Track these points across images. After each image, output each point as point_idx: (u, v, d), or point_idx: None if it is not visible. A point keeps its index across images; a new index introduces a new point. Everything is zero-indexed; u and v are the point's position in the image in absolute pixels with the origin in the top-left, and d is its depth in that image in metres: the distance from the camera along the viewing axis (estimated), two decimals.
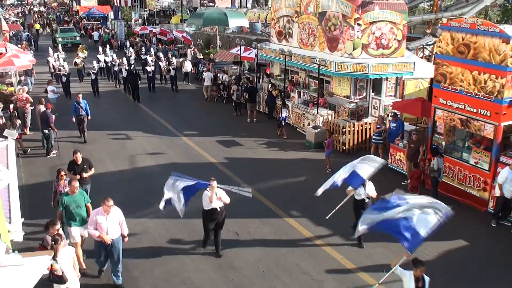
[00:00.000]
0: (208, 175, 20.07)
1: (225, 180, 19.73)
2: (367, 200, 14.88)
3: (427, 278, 10.54)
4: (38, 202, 16.93)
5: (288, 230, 15.82)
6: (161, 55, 42.60)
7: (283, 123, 25.65)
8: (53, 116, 23.22)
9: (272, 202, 17.82)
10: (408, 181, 19.17)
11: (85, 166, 16.39)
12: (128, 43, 53.87)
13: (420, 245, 11.74)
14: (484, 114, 16.66)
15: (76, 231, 13.28)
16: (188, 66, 40.09)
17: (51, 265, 10.66)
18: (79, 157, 16.28)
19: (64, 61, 38.90)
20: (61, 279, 10.56)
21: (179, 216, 16.36)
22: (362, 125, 23.57)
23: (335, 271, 13.58)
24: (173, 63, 38.73)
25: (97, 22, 78.57)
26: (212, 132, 26.09)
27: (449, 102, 17.87)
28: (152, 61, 38.43)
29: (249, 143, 24.67)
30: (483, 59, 16.53)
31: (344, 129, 23.11)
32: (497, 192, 15.97)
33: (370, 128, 23.46)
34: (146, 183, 19.38)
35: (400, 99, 25.14)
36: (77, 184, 13.54)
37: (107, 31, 68.06)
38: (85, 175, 16.32)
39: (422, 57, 33.25)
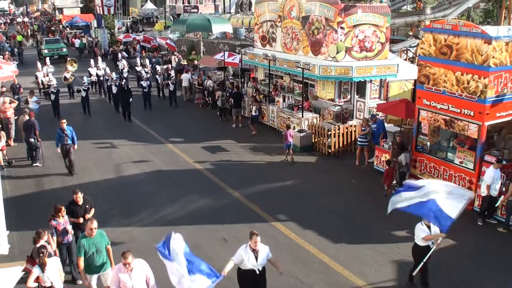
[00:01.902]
0: (194, 181, 20.16)
1: (212, 185, 19.76)
2: (432, 246, 12.38)
3: None
4: (23, 214, 16.81)
5: (275, 234, 15.79)
6: (158, 67, 40.42)
7: (254, 119, 26.94)
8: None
9: (259, 207, 17.79)
10: (394, 182, 19.30)
11: (87, 206, 13.89)
12: (119, 55, 48.95)
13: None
14: (468, 114, 16.77)
15: (100, 280, 11.93)
16: (185, 80, 36.12)
17: (38, 277, 10.62)
18: (80, 197, 13.78)
19: (52, 75, 35.37)
20: None
21: (166, 224, 16.46)
22: (347, 128, 23.62)
23: (324, 273, 13.57)
24: (172, 76, 35.76)
25: (80, 30, 78.22)
26: (197, 138, 26.03)
27: (432, 103, 17.97)
28: (147, 72, 36.51)
29: (235, 148, 24.65)
30: (465, 60, 16.65)
31: (330, 132, 23.15)
32: (483, 192, 16.05)
33: (355, 131, 23.53)
34: (132, 191, 19.33)
35: (385, 101, 25.25)
36: (95, 224, 11.62)
37: (90, 39, 67.74)
38: (88, 216, 13.75)
39: (405, 59, 33.45)
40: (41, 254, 10.76)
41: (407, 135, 20.29)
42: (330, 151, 23.30)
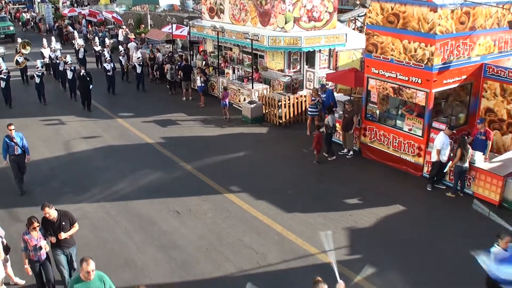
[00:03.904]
0: (146, 156, 19.97)
1: (163, 159, 19.62)
2: None
3: None
4: None
5: (228, 206, 15.81)
6: (121, 48, 35.13)
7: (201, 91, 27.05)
8: None
9: (212, 179, 17.75)
10: (345, 150, 19.56)
11: (63, 223, 11.41)
12: (76, 33, 42.83)
13: None
14: (416, 81, 17.00)
15: None
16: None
17: None
18: (51, 212, 11.29)
19: (2, 60, 30.26)
20: None
21: (119, 199, 16.34)
22: (297, 98, 23.70)
23: (278, 242, 13.66)
24: (139, 57, 31.14)
25: (23, 6, 75.97)
26: (148, 113, 25.73)
27: (381, 72, 18.14)
28: (109, 53, 32.43)
29: (186, 121, 24.49)
30: (412, 28, 16.82)
31: (280, 103, 23.19)
32: (433, 157, 16.35)
33: (305, 101, 23.62)
34: (83, 168, 19.02)
35: (334, 71, 25.37)
36: (91, 266, 9.07)
37: (34, 14, 65.93)
38: (63, 235, 11.32)
39: (354, 29, 33.58)
40: None
41: (357, 104, 20.47)
42: (281, 121, 23.37)
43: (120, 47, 36.31)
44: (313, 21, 25.31)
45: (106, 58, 30.41)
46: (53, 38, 38.57)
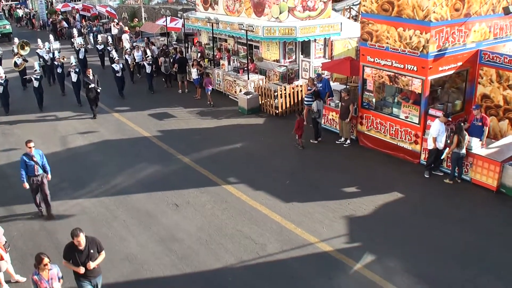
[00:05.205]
0: (143, 149, 19.99)
1: (160, 153, 19.61)
2: None
3: None
4: None
5: (227, 197, 15.82)
6: (99, 37, 34.22)
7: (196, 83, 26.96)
8: None
9: (209, 171, 17.76)
10: (342, 139, 19.56)
11: (91, 250, 10.16)
12: (75, 31, 38.64)
13: None
14: (411, 69, 16.99)
15: None
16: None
17: None
18: (81, 239, 9.96)
19: None
20: None
21: (117, 193, 16.33)
22: (293, 88, 23.68)
23: (277, 232, 13.68)
24: (149, 56, 29.33)
25: (16, 2, 75.65)
26: (144, 106, 25.70)
27: (376, 60, 18.12)
28: (117, 50, 30.81)
29: (182, 114, 24.46)
30: (407, 16, 16.79)
31: (276, 93, 23.17)
32: (430, 145, 16.35)
33: (301, 91, 23.61)
34: (81, 163, 19.00)
35: (329, 60, 25.35)
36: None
37: (27, 10, 65.68)
38: (92, 265, 10.13)
39: (349, 17, 33.49)
40: None
41: (353, 93, 20.46)
42: (277, 112, 23.35)
43: (125, 45, 35.19)
44: (308, 10, 25.28)
45: (115, 58, 28.01)
46: (51, 37, 35.82)
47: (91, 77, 23.63)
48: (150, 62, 28.79)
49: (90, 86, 23.50)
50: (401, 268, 11.94)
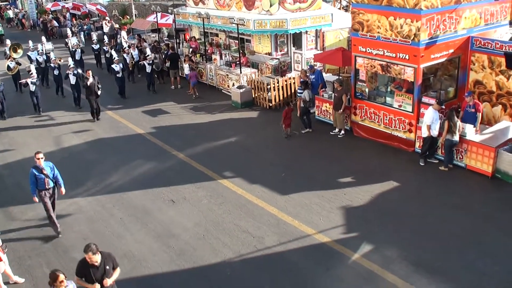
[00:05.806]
0: (137, 146, 19.96)
1: (155, 149, 19.59)
2: None
3: None
4: None
5: (223, 192, 15.82)
6: (124, 44, 32.76)
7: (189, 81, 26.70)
8: None
9: (205, 166, 17.75)
10: (336, 130, 19.57)
11: (107, 267, 9.64)
12: (69, 31, 38.51)
13: None
14: (403, 58, 17.00)
15: None
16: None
17: None
18: (94, 257, 9.38)
19: None
20: None
21: (113, 191, 16.31)
22: (286, 81, 23.66)
23: (274, 225, 13.70)
24: (148, 55, 28.91)
25: (6, 3, 75.21)
26: (137, 103, 25.66)
27: (368, 49, 18.12)
28: (119, 51, 30.60)
29: (176, 110, 24.42)
30: (397, 5, 16.77)
31: (269, 86, 23.15)
32: (424, 133, 16.38)
33: (294, 83, 23.60)
34: (75, 162, 18.95)
35: (321, 51, 25.32)
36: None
37: (17, 10, 65.36)
38: (109, 282, 9.62)
39: (339, 8, 33.53)
40: None
41: (346, 83, 20.47)
42: (270, 105, 23.35)
43: (124, 44, 34.83)
44: (298, 2, 25.20)
45: (114, 58, 27.56)
46: (43, 38, 35.69)
47: (91, 79, 22.87)
48: (150, 62, 28.06)
49: (88, 82, 22.67)
50: (399, 256, 11.97)
